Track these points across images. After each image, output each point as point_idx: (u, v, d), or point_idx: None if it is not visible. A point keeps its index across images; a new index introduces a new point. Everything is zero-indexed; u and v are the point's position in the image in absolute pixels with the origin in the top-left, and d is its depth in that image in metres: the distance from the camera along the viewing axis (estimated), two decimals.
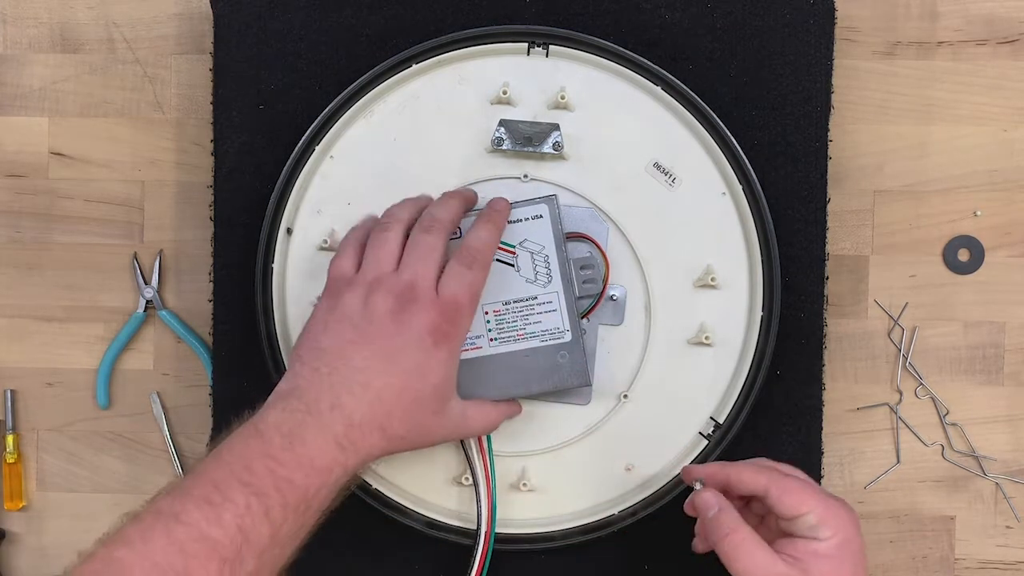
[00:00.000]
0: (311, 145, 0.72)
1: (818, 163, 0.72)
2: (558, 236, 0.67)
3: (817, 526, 0.60)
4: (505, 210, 0.66)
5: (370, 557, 0.73)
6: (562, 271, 0.67)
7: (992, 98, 0.75)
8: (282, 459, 0.56)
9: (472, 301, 0.63)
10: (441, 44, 0.72)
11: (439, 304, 0.61)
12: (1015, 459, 0.75)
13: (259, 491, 0.55)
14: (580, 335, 0.67)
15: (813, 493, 0.61)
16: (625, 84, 0.71)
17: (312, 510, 0.58)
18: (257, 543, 0.54)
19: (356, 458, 0.59)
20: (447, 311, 0.61)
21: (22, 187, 0.78)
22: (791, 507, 0.61)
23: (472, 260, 0.63)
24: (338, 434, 0.58)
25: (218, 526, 0.53)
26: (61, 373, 0.78)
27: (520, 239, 0.67)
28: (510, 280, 0.67)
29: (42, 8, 0.78)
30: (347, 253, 0.65)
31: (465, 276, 0.62)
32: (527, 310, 0.67)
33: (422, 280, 0.61)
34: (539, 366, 0.67)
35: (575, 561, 0.72)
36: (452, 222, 0.65)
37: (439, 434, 0.64)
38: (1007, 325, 0.75)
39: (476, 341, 0.67)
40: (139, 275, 0.77)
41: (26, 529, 0.79)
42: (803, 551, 0.60)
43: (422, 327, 0.61)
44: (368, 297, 0.61)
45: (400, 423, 0.60)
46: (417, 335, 0.61)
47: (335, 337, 0.61)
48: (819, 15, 0.72)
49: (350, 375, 0.59)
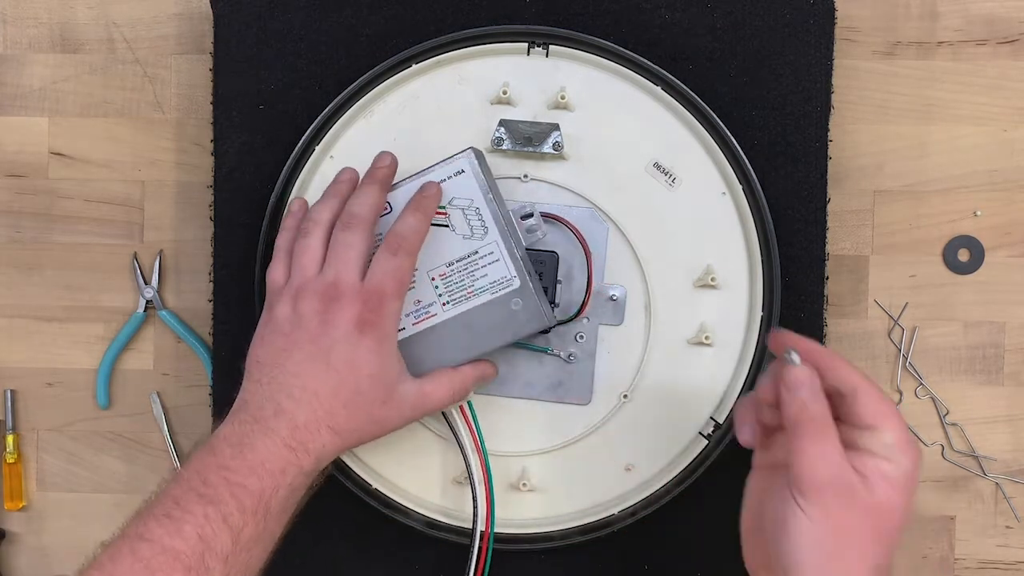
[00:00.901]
0: (311, 145, 0.72)
1: (818, 163, 0.72)
2: (484, 187, 0.66)
3: (893, 447, 0.55)
4: (435, 196, 0.66)
5: (370, 557, 0.73)
6: (496, 220, 0.66)
7: (992, 98, 0.75)
8: (234, 467, 0.59)
9: (398, 286, 0.63)
10: (441, 44, 0.72)
11: (362, 295, 0.62)
12: (1015, 459, 0.75)
13: (215, 500, 0.58)
14: (529, 279, 0.66)
15: (897, 414, 0.56)
16: (625, 84, 0.71)
17: (272, 512, 0.60)
18: (219, 549, 0.57)
19: (309, 458, 0.61)
20: (371, 300, 0.62)
21: (22, 187, 0.78)
22: (875, 416, 0.55)
23: (397, 247, 0.63)
24: (285, 437, 0.60)
25: (179, 538, 0.56)
26: (61, 373, 0.78)
27: (448, 198, 0.66)
28: (448, 240, 0.66)
29: (42, 8, 0.78)
30: (277, 261, 0.66)
31: (390, 262, 0.63)
32: (471, 266, 0.66)
33: (344, 276, 0.62)
34: (495, 319, 0.66)
35: (575, 561, 0.72)
36: (372, 210, 0.65)
37: (396, 420, 0.64)
38: (1007, 325, 0.75)
39: (429, 309, 0.67)
40: (139, 275, 0.77)
41: (26, 529, 0.79)
42: (872, 469, 0.55)
43: (347, 321, 0.62)
44: (296, 303, 0.63)
45: (346, 419, 0.62)
46: (343, 331, 0.62)
47: (270, 347, 0.63)
48: (819, 15, 0.72)
49: (287, 381, 0.61)
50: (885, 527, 0.56)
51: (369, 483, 0.72)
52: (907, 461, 0.56)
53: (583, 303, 0.70)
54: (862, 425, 0.56)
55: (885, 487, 0.55)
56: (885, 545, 0.56)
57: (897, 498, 0.55)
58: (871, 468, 0.55)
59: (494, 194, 0.66)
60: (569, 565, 0.72)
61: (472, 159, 0.66)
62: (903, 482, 0.56)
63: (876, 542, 0.55)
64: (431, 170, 0.67)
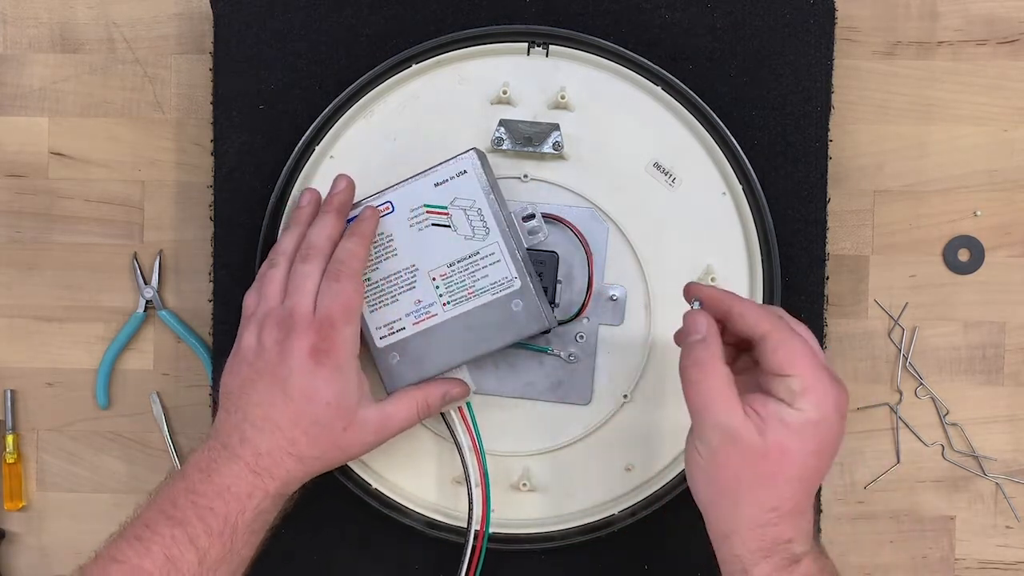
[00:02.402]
0: (311, 145, 0.72)
1: (818, 163, 0.72)
2: (486, 188, 0.66)
3: (798, 394, 0.56)
4: (371, 219, 0.67)
5: (370, 557, 0.73)
6: (498, 221, 0.66)
7: (992, 98, 0.75)
8: (201, 491, 0.62)
9: (345, 311, 0.64)
10: (441, 44, 0.72)
11: (315, 324, 0.64)
12: (1015, 459, 0.75)
13: (182, 522, 0.61)
14: (530, 280, 0.66)
15: (810, 359, 0.57)
16: (625, 84, 0.71)
17: (239, 533, 0.62)
18: (186, 569, 0.60)
19: (275, 483, 0.63)
20: (323, 329, 0.64)
21: (22, 187, 0.78)
22: (781, 363, 0.57)
23: (338, 273, 0.65)
24: (250, 463, 0.63)
25: (148, 558, 0.60)
26: (61, 373, 0.78)
27: (450, 198, 0.67)
28: (449, 241, 0.67)
29: (42, 8, 0.78)
30: (253, 288, 0.68)
31: (333, 289, 0.64)
32: (472, 267, 0.67)
33: (299, 307, 0.64)
34: (496, 320, 0.66)
35: (575, 561, 0.72)
36: (328, 240, 0.66)
37: (359, 446, 0.66)
38: (1007, 325, 0.75)
39: (430, 309, 0.67)
40: (139, 275, 0.77)
41: (26, 529, 0.79)
42: (769, 412, 0.56)
43: (302, 351, 0.63)
44: (260, 333, 0.65)
45: (308, 447, 0.64)
46: (299, 360, 0.63)
47: (236, 377, 0.65)
48: (819, 15, 0.72)
49: (252, 411, 0.64)
50: (779, 471, 0.57)
51: (369, 483, 0.72)
52: (810, 407, 0.56)
53: (584, 303, 0.70)
54: (770, 371, 0.57)
55: (779, 431, 0.56)
56: (781, 488, 0.57)
57: (792, 442, 0.56)
58: (771, 412, 0.56)
59: (496, 195, 0.66)
60: (569, 565, 0.72)
61: (475, 160, 0.66)
62: (802, 427, 0.56)
63: (767, 485, 0.57)
64: (434, 170, 0.67)
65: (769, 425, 0.56)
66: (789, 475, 0.57)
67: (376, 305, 0.67)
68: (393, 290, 0.67)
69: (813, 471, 0.57)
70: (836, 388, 0.58)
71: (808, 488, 0.58)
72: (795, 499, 0.57)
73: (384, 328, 0.67)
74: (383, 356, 0.67)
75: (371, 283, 0.67)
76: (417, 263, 0.66)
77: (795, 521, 0.57)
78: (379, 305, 0.67)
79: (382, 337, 0.67)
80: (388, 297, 0.67)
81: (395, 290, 0.67)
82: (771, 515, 0.57)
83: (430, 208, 0.67)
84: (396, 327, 0.67)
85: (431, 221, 0.67)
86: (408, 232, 0.67)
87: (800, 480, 0.57)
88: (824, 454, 0.57)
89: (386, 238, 0.67)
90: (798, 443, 0.57)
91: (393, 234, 0.67)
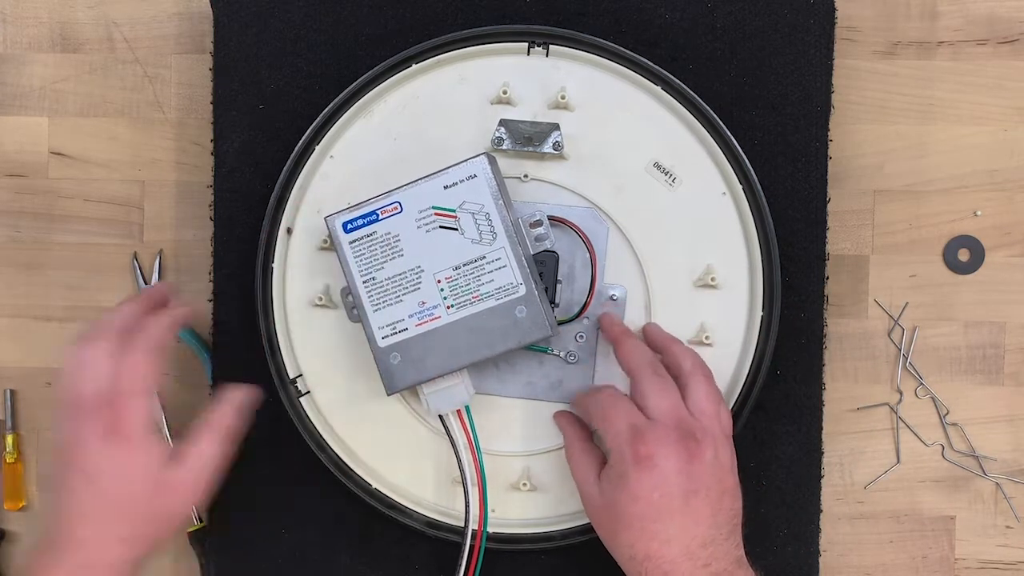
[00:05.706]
0: (311, 145, 0.72)
1: (818, 163, 0.72)
2: (495, 193, 0.66)
3: (609, 450, 0.63)
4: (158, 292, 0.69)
5: (370, 557, 0.73)
6: (505, 226, 0.66)
7: (992, 98, 0.75)
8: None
9: (133, 382, 0.63)
10: (441, 44, 0.72)
11: (107, 401, 0.62)
12: (1015, 459, 0.75)
13: None
14: (535, 287, 0.66)
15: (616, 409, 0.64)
16: (625, 84, 0.71)
17: None
18: None
19: (111, 571, 0.62)
20: (115, 404, 0.62)
21: (22, 187, 0.78)
22: (597, 417, 0.65)
23: (127, 344, 0.64)
24: (79, 560, 0.62)
25: None
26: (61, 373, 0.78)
27: (459, 202, 0.67)
28: (456, 244, 0.67)
29: (42, 8, 0.78)
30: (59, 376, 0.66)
31: (123, 361, 0.63)
32: (477, 271, 0.67)
33: (86, 390, 0.63)
34: (499, 325, 0.66)
35: (575, 561, 0.72)
36: (121, 323, 0.65)
37: (180, 503, 0.65)
38: (1007, 325, 0.75)
39: (434, 311, 0.67)
40: (139, 275, 0.77)
41: (26, 529, 0.79)
42: (603, 472, 0.64)
43: (94, 435, 0.62)
44: (62, 426, 0.63)
45: (130, 527, 0.63)
46: (95, 447, 0.62)
47: (55, 470, 0.64)
48: (819, 15, 0.72)
49: (70, 506, 0.62)
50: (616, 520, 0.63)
51: (369, 483, 0.72)
52: (616, 461, 0.63)
53: (586, 303, 0.70)
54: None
55: (608, 489, 0.63)
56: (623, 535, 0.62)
57: (610, 494, 0.63)
58: (604, 472, 0.64)
59: (504, 200, 0.67)
60: (569, 565, 0.72)
61: (485, 164, 0.66)
62: (614, 480, 0.63)
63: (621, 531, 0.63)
64: (444, 172, 0.67)
65: (604, 484, 0.64)
66: (628, 523, 0.62)
67: (379, 305, 0.67)
68: (397, 290, 0.67)
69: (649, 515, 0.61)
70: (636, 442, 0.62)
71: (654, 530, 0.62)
72: (644, 543, 0.62)
73: (387, 328, 0.67)
74: (384, 356, 0.67)
75: (376, 282, 0.67)
76: (423, 264, 0.66)
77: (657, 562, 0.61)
78: (382, 305, 0.67)
79: (384, 337, 0.67)
80: (392, 297, 0.67)
81: (399, 290, 0.67)
82: (630, 563, 0.62)
83: (438, 210, 0.67)
84: (399, 327, 0.67)
85: (439, 223, 0.67)
86: (415, 233, 0.67)
87: (641, 522, 0.62)
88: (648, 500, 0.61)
89: (393, 238, 0.67)
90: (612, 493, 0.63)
91: (400, 234, 0.67)
